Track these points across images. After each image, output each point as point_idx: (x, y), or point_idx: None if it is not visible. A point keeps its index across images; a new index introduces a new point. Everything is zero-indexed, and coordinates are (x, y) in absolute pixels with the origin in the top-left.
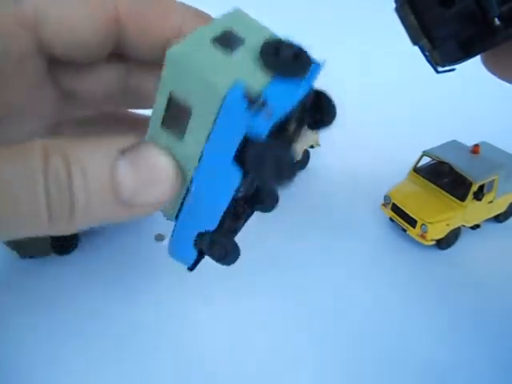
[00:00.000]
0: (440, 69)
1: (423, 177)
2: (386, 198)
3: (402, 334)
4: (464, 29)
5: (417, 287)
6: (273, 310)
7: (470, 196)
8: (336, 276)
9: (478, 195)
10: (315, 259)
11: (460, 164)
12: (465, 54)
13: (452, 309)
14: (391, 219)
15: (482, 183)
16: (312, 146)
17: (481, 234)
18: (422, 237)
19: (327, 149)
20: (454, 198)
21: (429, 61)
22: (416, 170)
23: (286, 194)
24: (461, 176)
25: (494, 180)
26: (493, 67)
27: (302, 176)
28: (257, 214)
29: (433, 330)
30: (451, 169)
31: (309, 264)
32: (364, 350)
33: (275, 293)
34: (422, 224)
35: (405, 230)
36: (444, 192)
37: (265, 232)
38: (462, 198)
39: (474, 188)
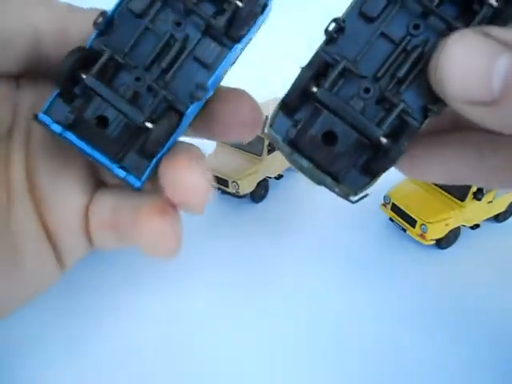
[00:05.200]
0: (353, 198)
1: None
2: (386, 198)
3: (402, 334)
4: (358, 156)
5: (416, 286)
6: (271, 311)
7: (470, 196)
8: (335, 276)
9: (478, 195)
10: (314, 259)
11: None
12: (370, 178)
13: (451, 308)
14: (391, 219)
15: None
16: None
17: (480, 233)
18: (422, 237)
19: None
20: (453, 198)
21: (340, 196)
22: None
23: (285, 193)
24: None
25: None
26: (410, 174)
27: (301, 176)
28: (255, 218)
29: (432, 329)
30: None
31: (307, 264)
32: (363, 349)
33: (274, 294)
34: (422, 224)
35: (404, 230)
36: (443, 192)
37: (263, 233)
38: (462, 198)
39: (474, 188)
